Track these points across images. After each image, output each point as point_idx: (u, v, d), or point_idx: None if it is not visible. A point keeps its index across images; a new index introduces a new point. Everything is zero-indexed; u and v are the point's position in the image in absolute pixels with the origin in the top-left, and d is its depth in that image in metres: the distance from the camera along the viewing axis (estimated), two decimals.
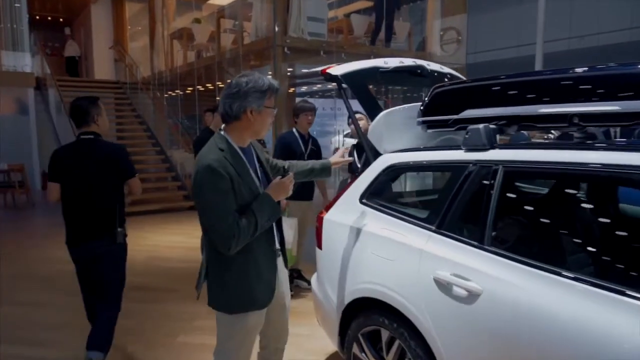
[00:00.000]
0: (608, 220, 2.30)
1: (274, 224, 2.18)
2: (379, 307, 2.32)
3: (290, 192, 2.16)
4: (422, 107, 2.64)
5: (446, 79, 3.23)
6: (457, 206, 2.12)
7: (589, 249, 2.07)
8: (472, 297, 1.87)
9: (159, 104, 11.98)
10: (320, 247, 2.83)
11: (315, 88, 12.79)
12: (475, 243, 1.97)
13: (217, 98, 10.78)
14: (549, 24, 7.83)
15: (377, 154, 2.84)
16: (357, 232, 2.56)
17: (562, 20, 12.56)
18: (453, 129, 2.49)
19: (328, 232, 2.79)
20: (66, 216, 2.99)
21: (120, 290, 3.13)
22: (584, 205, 2.39)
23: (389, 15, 8.58)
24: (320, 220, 2.88)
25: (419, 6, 9.76)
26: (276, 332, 2.35)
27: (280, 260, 2.29)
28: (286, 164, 2.53)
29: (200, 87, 10.77)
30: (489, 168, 2.06)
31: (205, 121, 7.80)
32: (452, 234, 2.09)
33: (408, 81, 3.25)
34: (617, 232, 2.10)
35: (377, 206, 2.56)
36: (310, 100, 4.93)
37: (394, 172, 2.61)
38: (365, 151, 2.92)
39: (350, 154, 4.42)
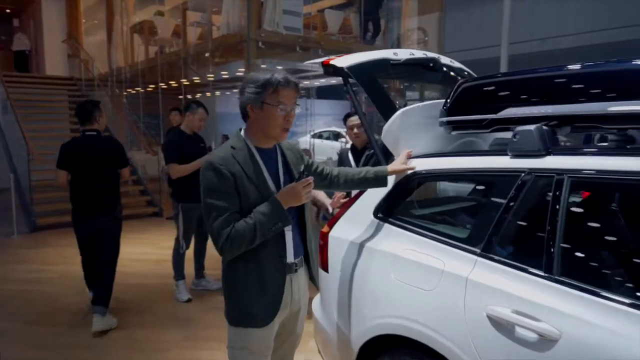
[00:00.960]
0: None
1: (290, 232, 1.91)
2: (409, 347, 1.92)
3: (305, 199, 1.88)
4: (446, 105, 2.26)
5: (455, 74, 2.88)
6: (509, 225, 1.75)
7: None
8: (545, 342, 1.49)
9: (119, 102, 11.20)
10: (325, 269, 2.41)
11: None
12: (541, 273, 1.60)
13: (181, 97, 10.17)
14: (512, 26, 7.81)
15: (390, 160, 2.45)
16: (374, 253, 2.16)
17: (525, 22, 12.68)
18: (488, 130, 2.12)
19: (335, 251, 2.37)
20: (75, 197, 3.73)
21: (117, 257, 3.97)
22: None
23: (374, 12, 8.29)
24: (324, 237, 2.46)
25: (395, 4, 9.46)
26: None
27: (298, 277, 1.99)
28: (335, 170, 2.23)
29: (163, 85, 10.10)
30: (549, 178, 1.70)
31: (171, 121, 7.27)
32: (506, 260, 1.70)
33: (419, 76, 2.87)
34: None
35: (398, 222, 2.16)
36: None
37: (416, 181, 2.22)
38: (378, 157, 2.52)
39: (341, 160, 4.04)
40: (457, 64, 2.94)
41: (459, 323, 1.72)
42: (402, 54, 2.69)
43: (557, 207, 1.63)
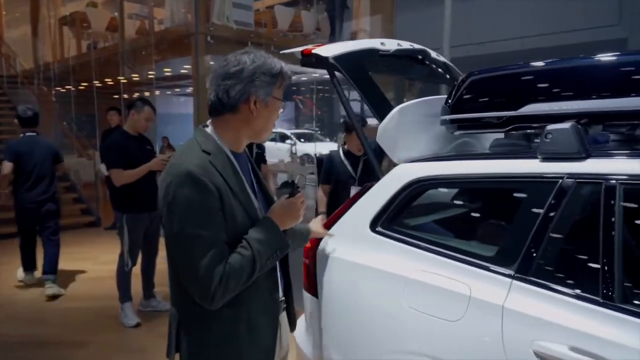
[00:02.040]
0: None
1: (277, 263, 1.51)
2: None
3: (302, 218, 1.51)
4: (450, 102, 1.97)
5: (440, 69, 2.63)
6: (550, 241, 1.47)
7: None
8: None
9: (47, 101, 10.20)
10: (314, 293, 2.05)
11: None
12: (598, 299, 1.33)
13: (117, 96, 9.41)
14: (452, 29, 7.95)
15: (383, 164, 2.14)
16: (377, 274, 1.83)
17: (464, 26, 13.02)
18: (503, 129, 1.85)
19: (326, 272, 2.02)
20: (21, 185, 4.50)
21: (59, 233, 4.76)
22: None
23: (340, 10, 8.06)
24: (309, 254, 2.10)
25: (349, 2, 9.27)
26: None
27: (283, 317, 1.59)
28: None
29: (98, 83, 9.29)
30: (596, 185, 1.44)
31: (108, 121, 6.61)
32: (550, 284, 1.43)
33: (405, 70, 2.58)
34: None
35: (403, 237, 1.84)
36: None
37: (419, 189, 1.91)
38: (371, 160, 2.19)
39: (331, 166, 3.66)
40: (442, 58, 2.68)
41: None
42: (390, 44, 2.39)
43: (612, 219, 1.37)
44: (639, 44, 12.12)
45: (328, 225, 2.13)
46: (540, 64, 1.78)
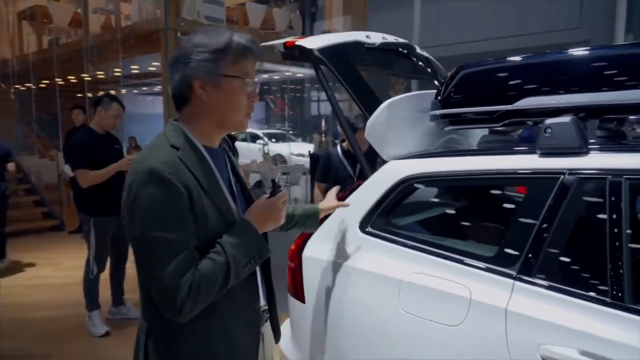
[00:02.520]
0: None
1: (257, 269, 1.36)
2: None
3: (283, 220, 1.35)
4: (441, 97, 1.90)
5: (423, 63, 2.56)
6: (554, 239, 1.41)
7: None
8: None
9: (5, 99, 9.69)
10: (300, 298, 1.94)
11: None
12: (606, 299, 1.27)
13: (80, 94, 9.03)
14: (422, 30, 8.00)
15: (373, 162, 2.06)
16: (369, 277, 1.74)
17: (433, 28, 13.19)
18: (498, 125, 1.79)
19: (313, 276, 1.92)
20: None
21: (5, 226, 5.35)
22: None
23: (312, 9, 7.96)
24: (295, 257, 1.99)
25: (322, 2, 9.19)
26: None
27: (266, 328, 1.45)
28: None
29: (60, 81, 8.89)
30: (600, 181, 1.38)
31: (73, 120, 6.33)
32: (555, 285, 1.36)
33: (391, 64, 2.50)
34: None
35: (396, 237, 1.76)
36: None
37: (411, 187, 1.83)
38: (358, 158, 2.10)
39: (329, 165, 3.49)
40: (425, 53, 2.62)
41: None
42: (375, 37, 2.31)
43: (619, 216, 1.31)
44: None
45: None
46: (534, 57, 1.73)
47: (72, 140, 3.63)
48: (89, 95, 8.87)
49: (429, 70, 2.59)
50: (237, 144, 13.57)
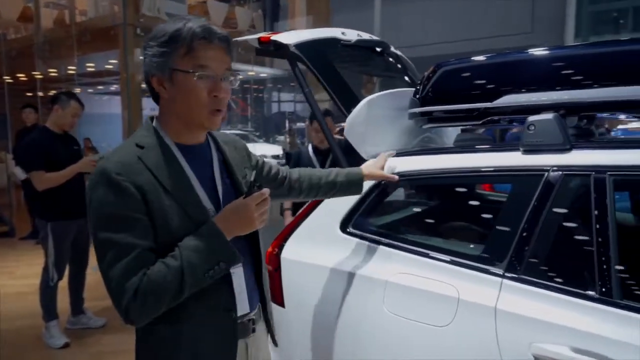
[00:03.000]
0: None
1: (240, 271, 1.27)
2: None
3: (260, 224, 1.23)
4: (420, 94, 1.88)
5: (395, 62, 2.55)
6: (541, 236, 1.40)
7: None
8: None
9: None
10: (280, 302, 1.87)
11: None
12: (594, 295, 1.28)
13: (31, 93, 8.59)
14: (382, 32, 8.12)
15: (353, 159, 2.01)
16: (352, 279, 1.69)
17: (393, 30, 13.44)
18: (479, 122, 1.78)
19: (292, 279, 1.86)
20: None
21: None
22: None
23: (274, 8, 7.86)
24: (273, 260, 1.93)
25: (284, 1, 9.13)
26: None
27: (257, 341, 1.35)
28: (294, 173, 1.61)
29: (8, 79, 8.42)
30: (585, 177, 1.39)
31: (24, 120, 6.01)
32: (543, 282, 1.36)
33: (366, 62, 2.47)
34: None
35: (378, 238, 1.72)
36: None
37: (393, 186, 1.80)
38: (336, 156, 2.05)
39: (298, 164, 3.44)
40: (398, 52, 2.61)
41: None
42: (351, 34, 2.28)
43: (604, 211, 1.32)
44: None
45: (292, 226, 1.97)
46: (511, 54, 1.73)
47: (25, 140, 3.41)
48: (40, 94, 8.46)
49: (401, 68, 2.58)
50: None
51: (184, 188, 1.18)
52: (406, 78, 2.49)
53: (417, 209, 1.95)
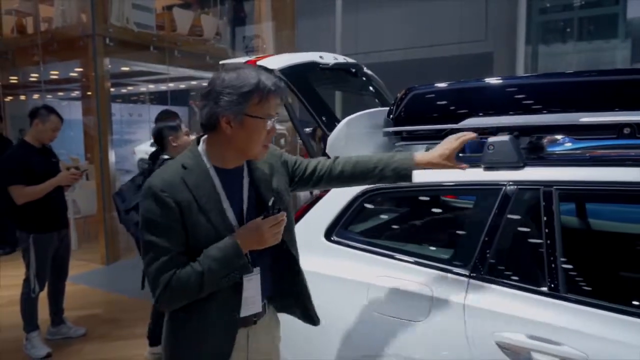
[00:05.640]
0: None
1: (254, 280, 1.50)
2: None
3: (273, 241, 1.45)
4: (393, 115, 2.11)
5: (368, 81, 2.78)
6: (500, 241, 1.65)
7: None
8: None
9: None
10: None
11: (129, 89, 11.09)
12: (545, 290, 1.53)
13: None
14: (343, 38, 8.42)
15: None
16: (338, 283, 1.90)
17: (353, 36, 13.83)
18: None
19: None
20: None
21: None
22: None
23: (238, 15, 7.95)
24: None
25: (251, 7, 9.22)
26: None
27: (257, 328, 1.57)
28: (336, 162, 1.67)
29: None
30: (535, 191, 1.65)
31: None
32: (503, 281, 1.60)
33: (342, 82, 2.68)
34: None
35: (359, 245, 1.93)
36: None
37: (370, 198, 2.02)
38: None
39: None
40: (370, 72, 2.84)
41: (464, 355, 1.56)
42: (327, 57, 2.49)
43: (552, 220, 1.58)
44: (503, 58, 13.65)
45: None
46: (473, 82, 1.98)
47: (5, 154, 3.44)
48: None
49: (373, 88, 2.81)
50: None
51: (214, 206, 1.42)
52: (376, 98, 2.72)
53: (393, 218, 2.17)
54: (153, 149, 3.27)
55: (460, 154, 1.71)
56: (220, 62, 2.39)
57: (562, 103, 1.78)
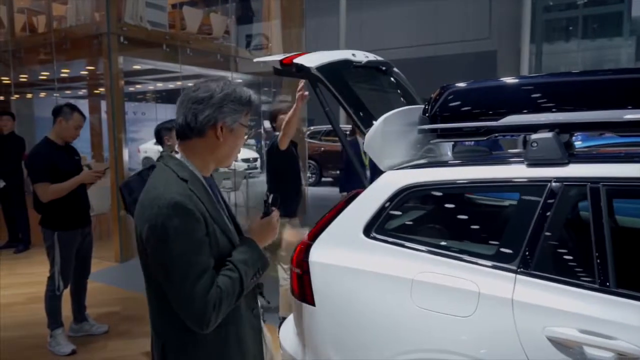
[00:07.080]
0: None
1: None
2: None
3: (277, 235, 1.61)
4: (429, 112, 2.12)
5: (396, 80, 2.79)
6: (548, 237, 1.66)
7: None
8: None
9: None
10: (311, 302, 2.06)
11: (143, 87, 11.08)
12: (596, 286, 1.54)
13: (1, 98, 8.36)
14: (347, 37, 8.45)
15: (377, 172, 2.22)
16: (380, 279, 1.91)
17: (357, 35, 13.90)
18: (484, 138, 2.04)
19: (323, 280, 2.05)
20: None
21: None
22: None
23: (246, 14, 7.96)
24: (301, 264, 2.12)
25: (259, 5, 9.24)
26: None
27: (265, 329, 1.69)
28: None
29: None
30: (581, 187, 1.66)
31: (1, 128, 5.92)
32: (552, 276, 1.62)
33: (372, 80, 2.69)
34: None
35: (400, 241, 1.94)
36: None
37: (411, 195, 2.03)
38: (354, 168, 2.27)
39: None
40: (396, 70, 2.85)
41: (513, 350, 1.58)
42: (359, 55, 2.50)
43: (600, 216, 1.59)
44: (507, 56, 13.69)
45: (315, 232, 2.16)
46: (513, 79, 1.99)
47: (31, 152, 3.45)
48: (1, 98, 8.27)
49: (400, 86, 2.82)
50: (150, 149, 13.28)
51: (219, 214, 1.45)
52: (401, 97, 2.73)
53: (432, 215, 2.19)
54: (157, 147, 3.60)
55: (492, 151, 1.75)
56: (255, 60, 2.40)
57: (603, 101, 1.79)
